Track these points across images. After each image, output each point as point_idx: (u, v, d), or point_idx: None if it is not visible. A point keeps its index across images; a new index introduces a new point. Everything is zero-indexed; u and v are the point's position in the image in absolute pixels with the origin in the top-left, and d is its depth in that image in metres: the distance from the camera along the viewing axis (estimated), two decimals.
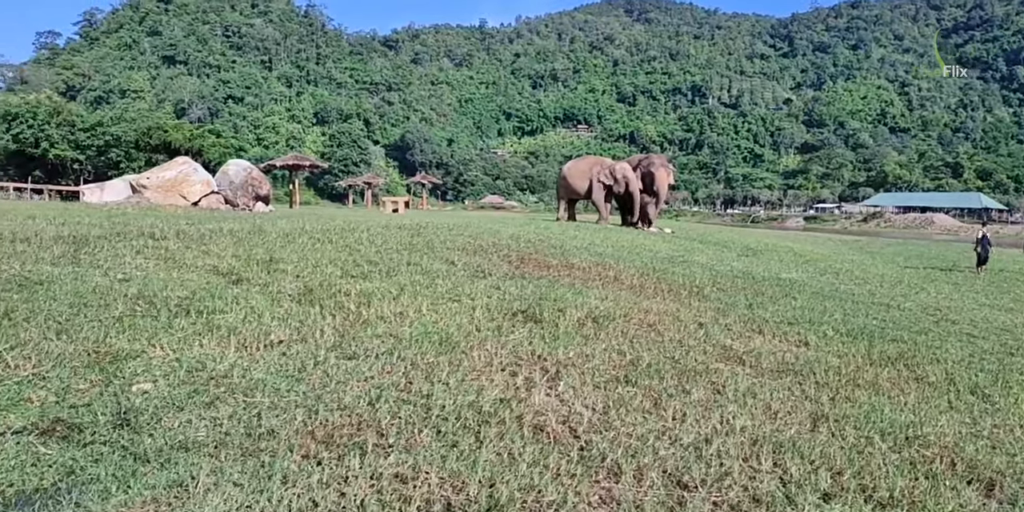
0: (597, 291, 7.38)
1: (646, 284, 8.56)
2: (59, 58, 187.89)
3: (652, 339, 5.55)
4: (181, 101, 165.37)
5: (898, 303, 10.01)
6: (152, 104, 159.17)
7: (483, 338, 4.70)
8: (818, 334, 6.56)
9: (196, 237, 7.50)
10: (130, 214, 11.48)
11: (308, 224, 11.07)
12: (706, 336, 5.89)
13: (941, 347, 6.59)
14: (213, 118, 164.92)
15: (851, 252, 24.49)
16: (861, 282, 12.68)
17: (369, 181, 74.58)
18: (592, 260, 9.99)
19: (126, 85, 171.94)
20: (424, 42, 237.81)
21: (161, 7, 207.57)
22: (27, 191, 43.04)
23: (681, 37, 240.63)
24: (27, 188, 43.49)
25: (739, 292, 8.93)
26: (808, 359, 5.44)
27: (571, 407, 3.60)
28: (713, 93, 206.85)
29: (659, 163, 22.91)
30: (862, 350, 6.03)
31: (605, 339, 5.25)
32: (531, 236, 12.82)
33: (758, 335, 6.30)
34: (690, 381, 4.40)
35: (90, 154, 49.13)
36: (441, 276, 6.81)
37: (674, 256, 12.83)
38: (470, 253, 8.98)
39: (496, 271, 7.77)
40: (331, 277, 5.99)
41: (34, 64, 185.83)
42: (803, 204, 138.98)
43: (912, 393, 4.79)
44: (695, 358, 5.05)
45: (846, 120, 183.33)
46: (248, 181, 18.46)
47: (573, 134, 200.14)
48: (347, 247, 8.11)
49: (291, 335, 4.19)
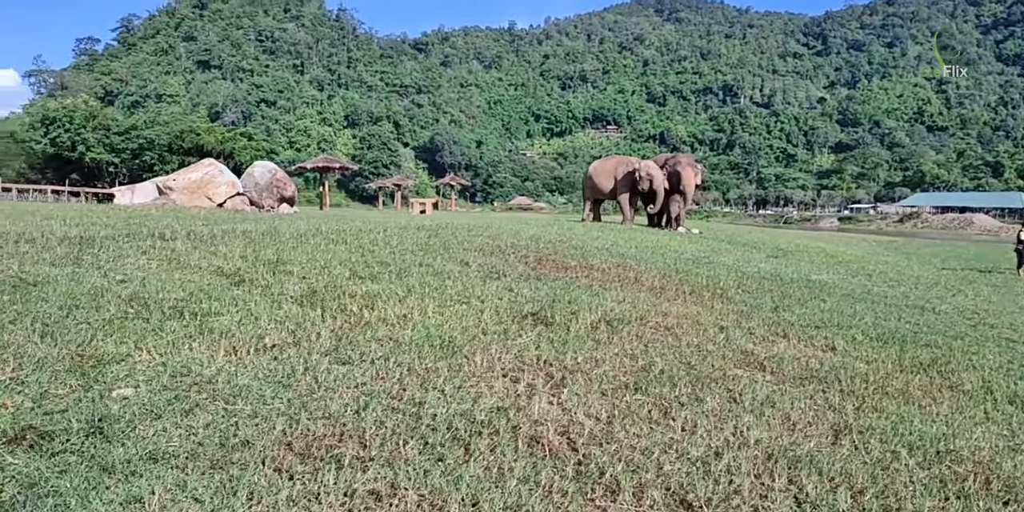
0: (615, 293, 7.15)
1: (667, 286, 8.30)
2: (98, 64, 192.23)
3: (668, 343, 5.31)
4: (215, 105, 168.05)
5: (933, 306, 9.62)
6: (187, 108, 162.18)
7: (488, 342, 4.50)
8: (846, 338, 6.26)
9: (207, 238, 7.42)
10: (150, 215, 11.50)
11: (325, 225, 11.00)
12: (726, 340, 5.63)
13: (978, 352, 6.25)
14: (246, 121, 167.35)
15: (886, 253, 23.88)
16: (895, 284, 12.25)
17: (398, 183, 74.97)
18: (613, 261, 9.75)
19: (162, 89, 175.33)
20: (453, 44, 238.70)
21: (196, 13, 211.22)
22: (64, 194, 43.93)
23: (712, 36, 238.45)
24: (64, 191, 44.38)
25: (765, 294, 8.63)
26: (834, 365, 5.15)
27: (573, 416, 3.39)
28: (745, 92, 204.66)
29: (686, 162, 22.52)
30: (892, 356, 5.72)
31: (618, 343, 5.02)
32: (552, 237, 12.60)
33: (782, 339, 6.02)
34: (705, 389, 4.16)
35: (125, 157, 50.08)
36: (453, 277, 6.63)
37: (699, 257, 12.52)
38: (487, 254, 8.80)
39: (511, 272, 7.57)
40: (338, 278, 5.84)
41: (74, 70, 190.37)
42: (837, 204, 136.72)
43: (945, 402, 4.49)
44: (712, 364, 4.81)
45: (882, 119, 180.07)
46: (273, 183, 18.52)
47: (602, 135, 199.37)
48: (360, 248, 7.98)
49: (286, 339, 4.03)
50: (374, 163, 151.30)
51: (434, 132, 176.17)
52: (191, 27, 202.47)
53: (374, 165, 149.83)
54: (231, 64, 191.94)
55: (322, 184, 56.46)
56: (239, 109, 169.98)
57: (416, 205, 43.23)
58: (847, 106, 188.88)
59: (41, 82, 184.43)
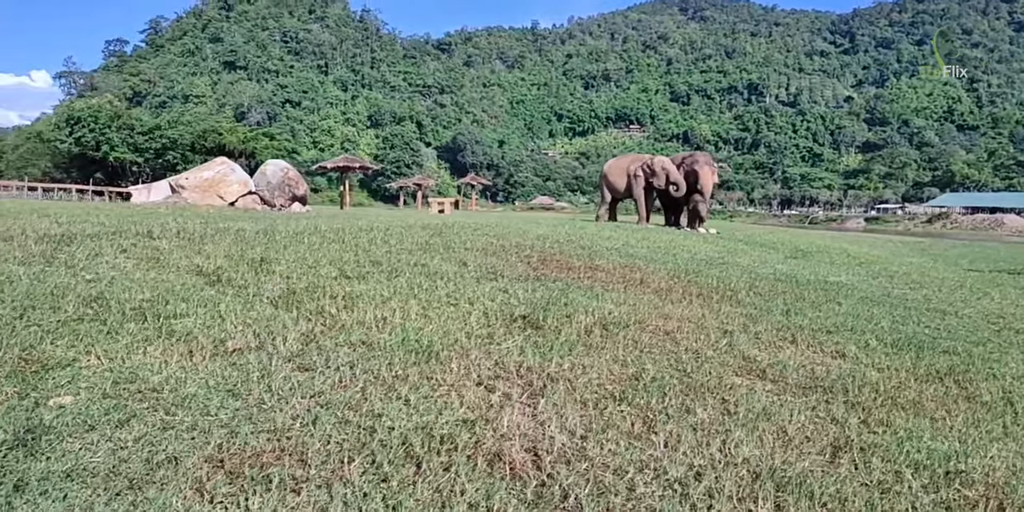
0: (617, 295, 6.87)
1: (674, 287, 7.99)
2: (127, 65, 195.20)
3: (665, 349, 5.02)
4: (241, 105, 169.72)
5: (956, 309, 9.19)
6: (213, 108, 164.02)
7: (469, 347, 4.25)
8: (859, 344, 5.92)
9: (197, 236, 7.24)
10: (154, 213, 11.40)
11: (328, 224, 10.80)
12: (729, 346, 5.33)
13: (1000, 360, 5.87)
14: (271, 122, 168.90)
15: (911, 254, 23.26)
16: (917, 286, 11.80)
17: (419, 182, 75.20)
18: (620, 262, 9.45)
19: (189, 90, 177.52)
20: (476, 45, 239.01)
21: (223, 14, 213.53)
22: (88, 193, 44.46)
23: (737, 35, 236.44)
24: (88, 190, 44.90)
25: (777, 297, 8.28)
26: (842, 373, 4.83)
27: (545, 430, 3.13)
28: (770, 91, 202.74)
29: (703, 161, 21.98)
30: (907, 363, 5.38)
31: (611, 348, 4.75)
32: (561, 236, 12.32)
33: (790, 345, 5.70)
34: (697, 398, 3.87)
35: (148, 156, 50.58)
36: (446, 278, 6.39)
37: (713, 258, 12.17)
38: (488, 254, 8.55)
39: (510, 273, 7.32)
40: (324, 278, 5.62)
41: (103, 71, 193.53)
42: (864, 205, 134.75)
43: (960, 415, 4.16)
44: (710, 371, 4.51)
45: (910, 118, 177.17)
46: (285, 181, 18.41)
47: (625, 134, 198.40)
48: (356, 247, 7.77)
49: (250, 342, 3.81)
50: (396, 163, 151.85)
51: (456, 132, 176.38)
52: (217, 28, 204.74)
53: (396, 165, 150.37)
54: (256, 65, 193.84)
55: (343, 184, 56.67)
56: (264, 109, 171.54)
57: (435, 204, 43.14)
58: (875, 105, 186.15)
59: (71, 83, 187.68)
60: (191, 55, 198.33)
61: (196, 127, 52.46)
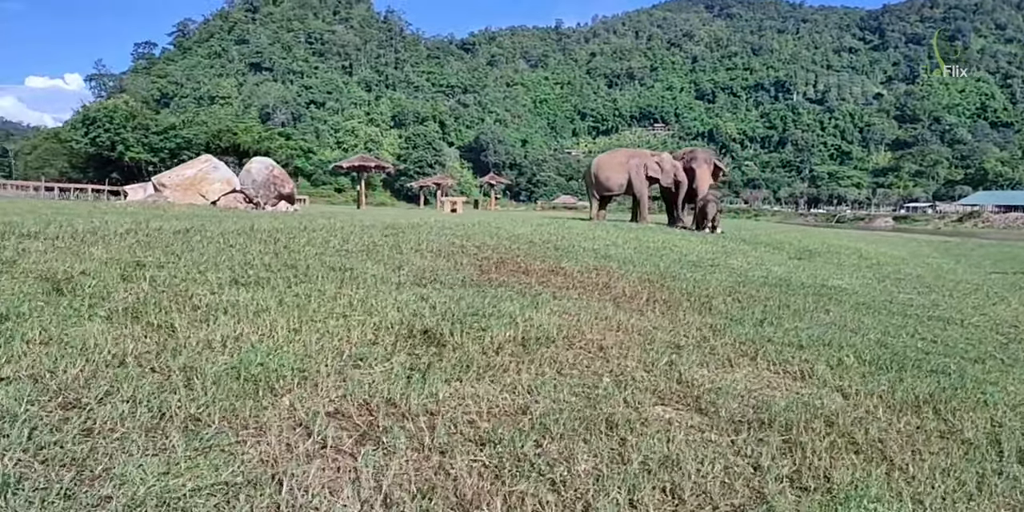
0: (564, 303, 6.09)
1: (640, 293, 7.19)
2: (154, 67, 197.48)
3: (588, 370, 4.24)
4: (266, 106, 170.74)
5: (964, 317, 8.27)
6: (239, 110, 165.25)
7: (326, 373, 3.50)
8: (830, 362, 5.09)
9: (97, 237, 6.57)
10: (107, 211, 10.79)
11: (282, 223, 10.10)
12: (670, 365, 4.53)
13: (998, 382, 5.00)
14: (296, 123, 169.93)
15: (933, 254, 22.10)
16: (926, 290, 10.84)
17: (438, 182, 75.01)
18: (591, 264, 8.65)
19: (215, 92, 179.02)
20: (500, 44, 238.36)
21: (248, 16, 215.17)
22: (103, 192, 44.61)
23: (764, 32, 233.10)
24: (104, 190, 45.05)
25: (757, 304, 7.44)
26: (796, 401, 4.01)
27: (339, 497, 2.38)
28: (798, 88, 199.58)
29: (702, 158, 21.01)
30: (883, 386, 4.53)
31: (515, 371, 3.97)
32: (541, 236, 11.53)
33: (747, 363, 4.89)
34: (589, 440, 3.09)
35: (163, 156, 50.64)
36: (363, 284, 5.66)
37: (703, 260, 11.30)
38: (439, 256, 7.81)
39: (450, 278, 6.57)
40: (201, 285, 4.91)
41: (132, 73, 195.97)
42: (893, 203, 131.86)
43: (929, 460, 3.33)
44: (627, 400, 3.73)
45: (942, 115, 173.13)
46: (270, 179, 17.78)
47: (649, 133, 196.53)
48: (286, 248, 7.07)
49: (35, 369, 3.09)
50: (419, 163, 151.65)
51: (479, 131, 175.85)
52: (243, 30, 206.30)
53: (419, 165, 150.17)
54: (281, 66, 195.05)
55: (359, 183, 56.37)
56: (289, 110, 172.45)
57: (447, 204, 43.18)
58: (905, 102, 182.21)
59: (101, 85, 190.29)
60: (217, 57, 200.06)
61: (211, 127, 52.36)
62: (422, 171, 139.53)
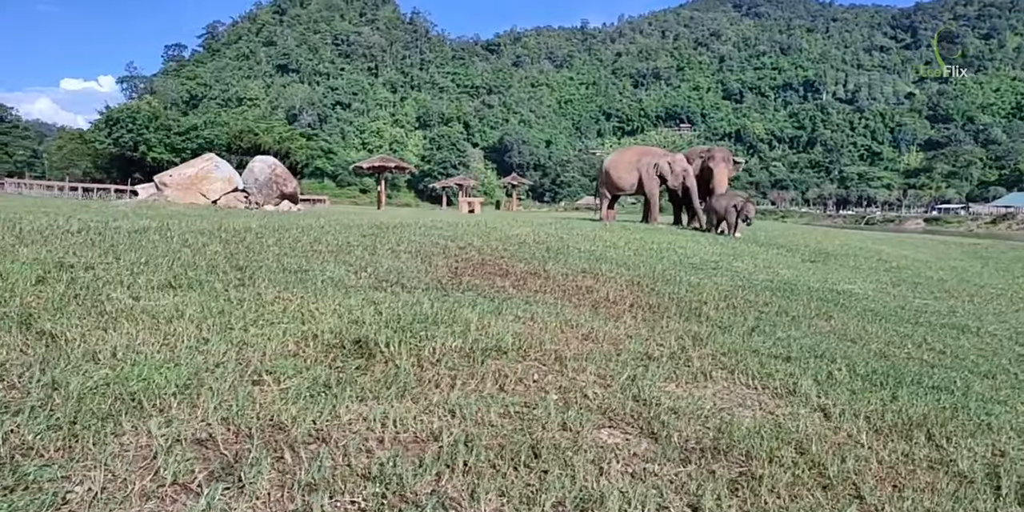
0: (533, 308, 5.62)
1: (625, 298, 6.70)
2: (184, 69, 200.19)
3: (535, 386, 3.77)
4: (292, 108, 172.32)
5: (981, 326, 7.67)
6: (266, 111, 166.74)
7: (217, 391, 3.07)
8: (820, 376, 4.57)
9: (36, 236, 6.25)
10: (92, 210, 10.53)
11: (246, 222, 9.71)
12: (632, 380, 4.04)
13: (1007, 401, 4.44)
14: (322, 124, 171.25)
15: (960, 257, 21.24)
16: (945, 295, 10.20)
17: (459, 183, 74.90)
18: (580, 266, 8.17)
19: (243, 93, 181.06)
20: (525, 45, 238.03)
21: (276, 18, 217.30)
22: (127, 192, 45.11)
23: (793, 31, 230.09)
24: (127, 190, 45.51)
25: (753, 310, 6.92)
26: (767, 423, 3.51)
27: None
28: (827, 88, 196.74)
29: (720, 157, 20.32)
30: (874, 405, 4.00)
31: (447, 388, 3.52)
32: (536, 237, 11.05)
33: (725, 377, 4.38)
34: (508, 473, 2.62)
35: (185, 156, 50.82)
36: (310, 288, 5.25)
37: (706, 262, 10.75)
38: (415, 257, 7.39)
39: (416, 281, 6.15)
40: (130, 288, 4.54)
41: (162, 75, 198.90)
42: (925, 205, 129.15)
43: (910, 498, 2.81)
44: (570, 422, 3.25)
45: (976, 114, 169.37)
46: (272, 178, 17.48)
47: (675, 133, 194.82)
48: (246, 248, 6.69)
49: None
50: (443, 164, 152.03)
51: (503, 132, 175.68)
52: (271, 32, 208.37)
53: (443, 165, 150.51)
54: (308, 68, 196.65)
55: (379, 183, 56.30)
56: (315, 112, 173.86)
57: (464, 204, 43.58)
58: (938, 101, 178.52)
59: (132, 87, 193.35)
60: (245, 59, 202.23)
61: (232, 127, 52.60)
62: (446, 172, 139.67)
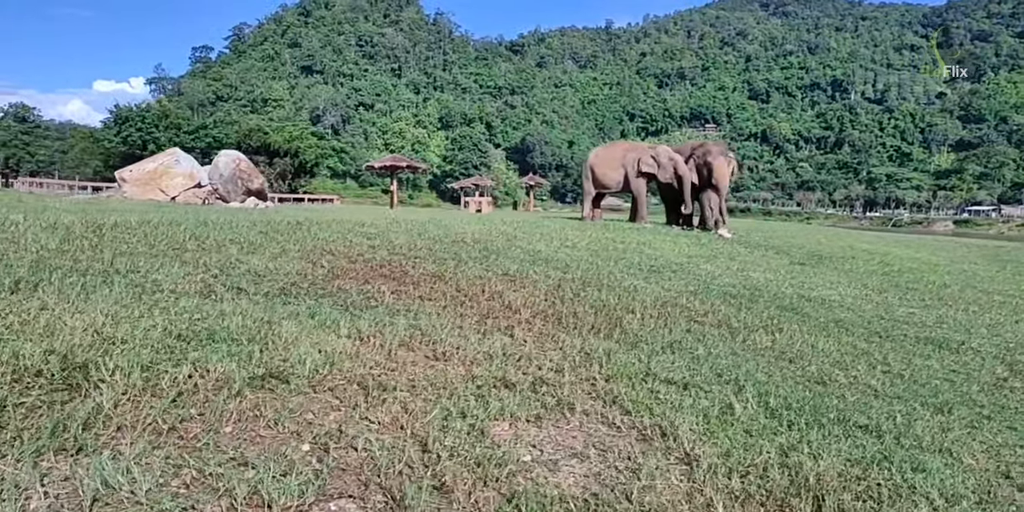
0: (396, 319, 4.66)
1: (535, 306, 5.71)
2: (210, 70, 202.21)
3: (299, 427, 2.82)
4: (316, 108, 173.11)
5: (967, 339, 6.56)
6: (290, 112, 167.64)
7: None
8: (712, 411, 3.55)
9: None
10: (25, 207, 9.76)
11: (154, 217, 8.85)
12: (446, 417, 3.08)
13: (949, 450, 3.39)
14: (345, 125, 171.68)
15: (977, 260, 19.84)
16: (937, 304, 9.04)
17: (476, 183, 74.32)
18: (502, 269, 7.18)
19: (268, 94, 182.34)
20: (549, 45, 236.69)
21: (301, 20, 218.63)
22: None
23: (821, 30, 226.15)
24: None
25: (683, 322, 5.89)
26: (588, 486, 2.53)
27: None
28: (856, 88, 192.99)
29: (717, 151, 19.01)
30: (764, 456, 2.99)
31: (141, 438, 2.58)
32: (485, 236, 10.07)
33: (589, 410, 3.40)
34: None
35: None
36: (107, 295, 4.35)
37: (669, 264, 9.67)
38: (302, 257, 6.47)
39: (265, 285, 5.23)
40: None
41: (190, 77, 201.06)
42: (955, 207, 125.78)
43: None
44: (290, 492, 2.30)
45: (1009, 114, 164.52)
46: (236, 174, 16.61)
47: (700, 133, 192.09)
48: (91, 246, 5.80)
49: None
50: (464, 164, 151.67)
51: (526, 133, 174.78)
52: (296, 34, 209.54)
53: (464, 166, 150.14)
54: (332, 69, 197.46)
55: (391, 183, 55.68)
56: (339, 112, 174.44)
57: (472, 204, 44.52)
58: (970, 101, 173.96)
59: (160, 88, 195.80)
60: (270, 60, 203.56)
61: (242, 127, 52.21)
62: (467, 172, 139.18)
